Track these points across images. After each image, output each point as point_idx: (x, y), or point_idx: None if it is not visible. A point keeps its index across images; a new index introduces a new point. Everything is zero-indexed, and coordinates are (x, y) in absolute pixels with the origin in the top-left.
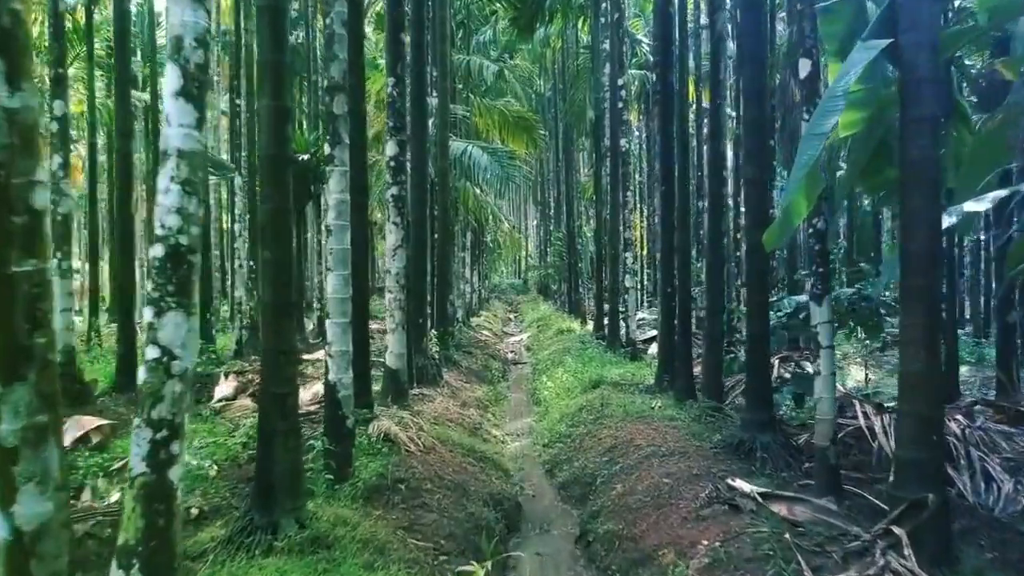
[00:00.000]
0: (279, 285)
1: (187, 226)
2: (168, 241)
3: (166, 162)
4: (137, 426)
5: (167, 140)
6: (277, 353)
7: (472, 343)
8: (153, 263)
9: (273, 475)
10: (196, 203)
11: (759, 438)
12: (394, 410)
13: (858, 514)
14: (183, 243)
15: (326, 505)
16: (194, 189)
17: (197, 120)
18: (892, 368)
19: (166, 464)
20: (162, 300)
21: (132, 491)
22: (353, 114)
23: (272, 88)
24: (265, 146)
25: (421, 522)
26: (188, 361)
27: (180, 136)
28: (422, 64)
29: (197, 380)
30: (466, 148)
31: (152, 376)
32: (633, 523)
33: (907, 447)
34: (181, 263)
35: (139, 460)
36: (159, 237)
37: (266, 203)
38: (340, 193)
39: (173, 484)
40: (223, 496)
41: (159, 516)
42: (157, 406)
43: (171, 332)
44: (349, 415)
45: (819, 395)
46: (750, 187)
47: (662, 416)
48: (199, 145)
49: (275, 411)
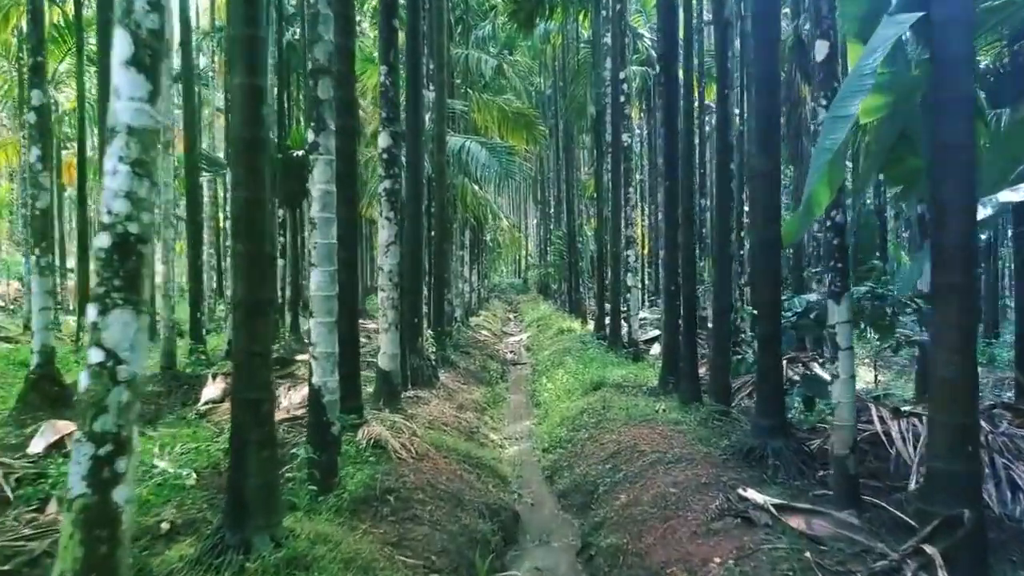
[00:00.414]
0: (254, 281)
1: (137, 212)
2: (115, 229)
3: (114, 140)
4: (77, 440)
5: (115, 115)
6: (250, 355)
7: (470, 343)
8: (98, 254)
9: (246, 489)
10: (148, 186)
11: (770, 444)
12: (386, 414)
13: (880, 527)
14: (132, 232)
15: (306, 520)
16: (146, 171)
17: (150, 93)
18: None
19: (110, 483)
20: (107, 296)
21: (70, 515)
22: (342, 101)
23: (246, 65)
24: (238, 128)
25: (411, 536)
26: (137, 366)
27: (130, 111)
28: (417, 54)
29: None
30: (464, 143)
31: (95, 383)
32: (638, 536)
33: (940, 459)
34: (129, 254)
35: (78, 479)
36: (104, 225)
37: (239, 191)
38: (325, 184)
39: (118, 506)
40: (200, 508)
41: (101, 543)
42: (100, 417)
43: (117, 333)
44: (334, 421)
45: (837, 400)
46: (760, 180)
47: (667, 420)
48: (152, 121)
49: (248, 419)
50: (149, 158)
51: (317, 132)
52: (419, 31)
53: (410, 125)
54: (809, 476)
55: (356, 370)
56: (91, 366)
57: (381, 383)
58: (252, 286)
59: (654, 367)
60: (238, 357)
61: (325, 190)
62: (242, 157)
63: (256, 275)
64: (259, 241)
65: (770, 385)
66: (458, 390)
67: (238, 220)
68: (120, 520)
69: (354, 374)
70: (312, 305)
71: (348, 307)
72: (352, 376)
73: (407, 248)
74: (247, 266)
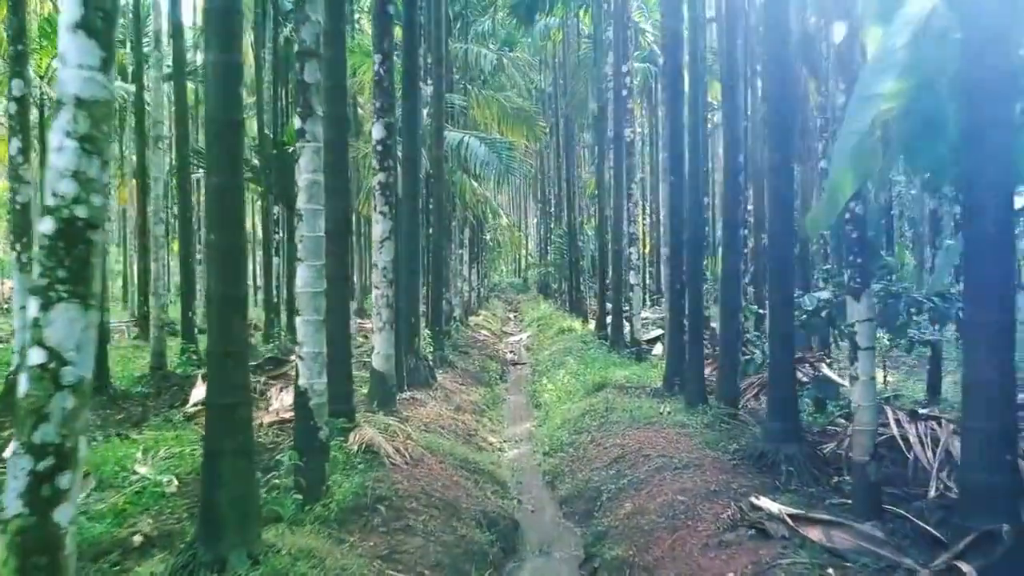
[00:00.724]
0: (228, 274)
1: (86, 194)
2: (60, 213)
3: (60, 113)
4: (14, 452)
5: (62, 85)
6: (224, 355)
7: (469, 343)
8: (41, 241)
9: (221, 502)
10: (99, 166)
11: (783, 449)
12: (380, 417)
13: (903, 539)
14: (80, 216)
15: (290, 532)
16: (96, 148)
17: (102, 60)
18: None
19: (51, 502)
20: (50, 289)
21: (5, 538)
22: (332, 88)
23: (220, 40)
24: (213, 109)
25: (403, 549)
26: (84, 368)
27: (79, 80)
28: (414, 44)
29: (175, 382)
30: (463, 138)
31: (35, 387)
32: (645, 548)
33: (976, 469)
34: (76, 241)
35: (14, 497)
36: (49, 208)
37: (212, 177)
38: (312, 173)
39: (60, 529)
40: (179, 518)
41: (39, 572)
42: (41, 427)
43: (61, 330)
44: (322, 425)
45: (857, 403)
46: (772, 175)
47: (672, 422)
48: (104, 92)
49: (223, 426)
50: (100, 133)
51: (304, 118)
52: (416, 21)
53: (406, 117)
54: (824, 483)
55: (348, 371)
56: (31, 368)
57: (375, 384)
58: (226, 280)
59: (657, 367)
60: (211, 358)
61: (312, 180)
62: (217, 140)
63: (231, 268)
64: (234, 231)
65: (782, 387)
66: (456, 391)
67: (211, 208)
68: (62, 545)
69: (345, 375)
70: (299, 302)
71: (339, 304)
72: (343, 377)
73: (404, 245)
74: (221, 258)
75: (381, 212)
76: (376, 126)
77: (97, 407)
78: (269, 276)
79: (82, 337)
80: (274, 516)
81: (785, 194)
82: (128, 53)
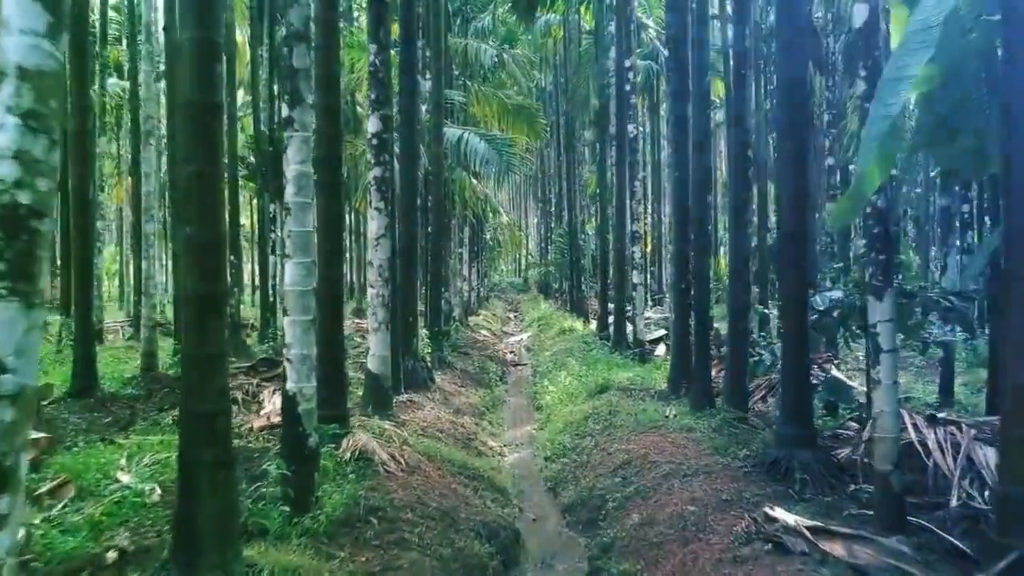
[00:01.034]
0: (205, 271)
1: (30, 178)
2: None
3: (1, 85)
4: None
5: (3, 53)
6: (201, 359)
7: (469, 343)
8: None
9: (199, 518)
10: (46, 146)
11: (797, 456)
12: (375, 421)
13: (929, 553)
14: (22, 202)
15: (273, 549)
16: (43, 125)
17: (50, 26)
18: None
19: None
20: None
21: None
22: (324, 77)
23: (197, 16)
24: (187, 91)
25: (397, 564)
26: (26, 376)
27: (23, 47)
28: (412, 36)
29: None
30: (463, 135)
31: None
32: (655, 563)
33: (1017, 481)
34: (18, 231)
35: None
36: None
37: (187, 165)
38: (300, 164)
39: None
40: (159, 530)
41: None
42: None
43: (1, 333)
44: (311, 432)
45: (880, 408)
46: (786, 164)
47: (679, 426)
48: (51, 62)
49: (199, 436)
50: (48, 109)
51: (292, 106)
52: (414, 11)
53: (404, 111)
54: (840, 491)
55: (340, 373)
56: None
57: (370, 387)
58: (205, 277)
59: (661, 368)
60: (186, 362)
61: (300, 171)
62: (192, 125)
63: (209, 264)
64: (212, 224)
65: (796, 390)
66: (455, 393)
67: (187, 199)
68: None
69: (338, 378)
70: (286, 302)
71: (331, 303)
72: (335, 380)
73: (401, 243)
74: (198, 254)
75: (377, 208)
76: (372, 119)
77: (84, 410)
78: (265, 275)
79: (24, 340)
80: (259, 529)
81: (799, 189)
82: (123, 50)
